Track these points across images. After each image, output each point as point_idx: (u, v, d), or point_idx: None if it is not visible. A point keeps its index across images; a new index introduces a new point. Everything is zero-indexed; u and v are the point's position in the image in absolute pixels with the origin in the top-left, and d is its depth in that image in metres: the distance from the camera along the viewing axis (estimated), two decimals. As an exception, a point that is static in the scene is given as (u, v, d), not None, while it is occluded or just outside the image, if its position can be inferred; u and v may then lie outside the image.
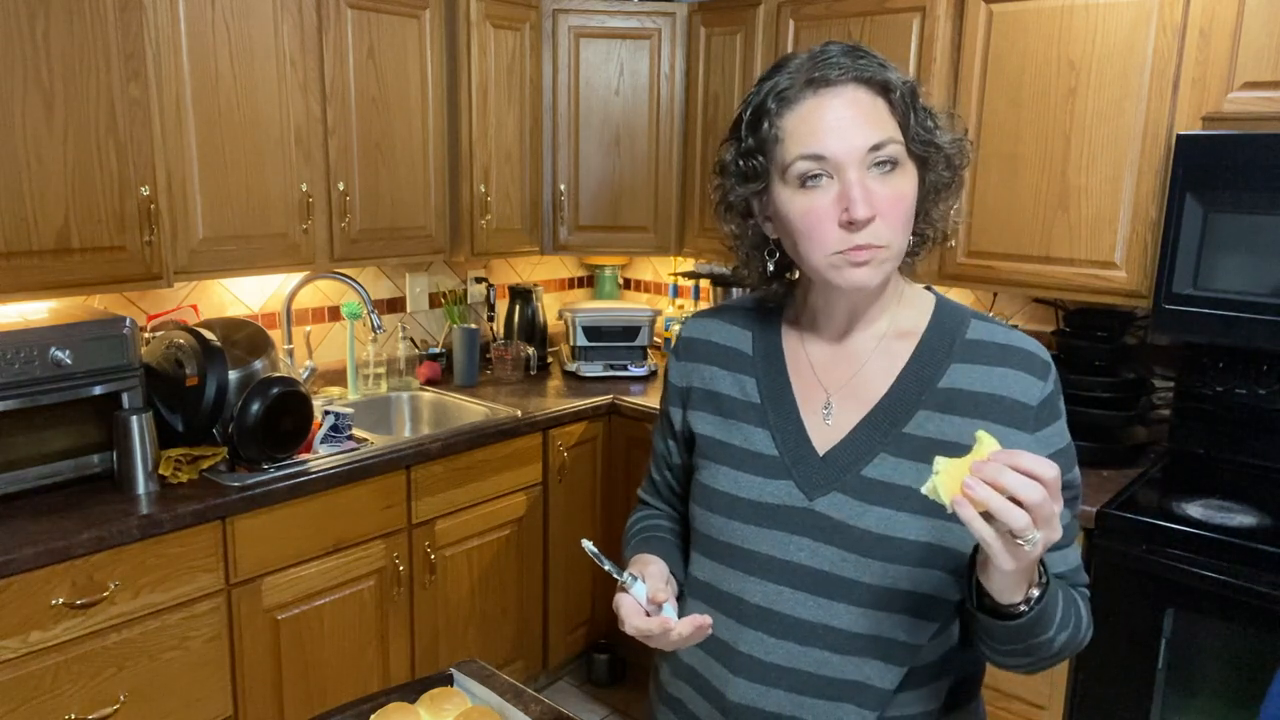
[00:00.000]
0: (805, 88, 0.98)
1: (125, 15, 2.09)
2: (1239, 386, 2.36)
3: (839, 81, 0.97)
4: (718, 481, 1.10)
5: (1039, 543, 0.79)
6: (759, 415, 1.10)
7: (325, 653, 2.37)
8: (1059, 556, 1.04)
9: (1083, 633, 1.01)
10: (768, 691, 1.04)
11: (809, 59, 0.99)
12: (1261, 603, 1.89)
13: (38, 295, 2.07)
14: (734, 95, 3.02)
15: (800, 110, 0.98)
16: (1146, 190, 2.24)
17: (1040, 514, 0.78)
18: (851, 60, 0.97)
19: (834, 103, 0.97)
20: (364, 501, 2.40)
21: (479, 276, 3.45)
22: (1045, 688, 2.20)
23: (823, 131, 0.96)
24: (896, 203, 0.97)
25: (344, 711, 1.27)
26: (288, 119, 2.45)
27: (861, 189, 0.95)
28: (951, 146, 1.03)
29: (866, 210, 0.95)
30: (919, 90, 1.01)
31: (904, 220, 0.99)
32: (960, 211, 1.10)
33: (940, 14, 2.50)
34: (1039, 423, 1.02)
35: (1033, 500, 0.77)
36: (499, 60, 2.94)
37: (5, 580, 1.79)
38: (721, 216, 1.10)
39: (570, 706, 2.96)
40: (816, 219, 0.97)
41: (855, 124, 0.96)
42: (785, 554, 1.04)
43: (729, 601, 1.08)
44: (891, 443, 1.02)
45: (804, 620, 1.03)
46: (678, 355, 1.21)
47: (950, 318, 1.08)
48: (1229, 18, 2.07)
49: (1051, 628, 0.93)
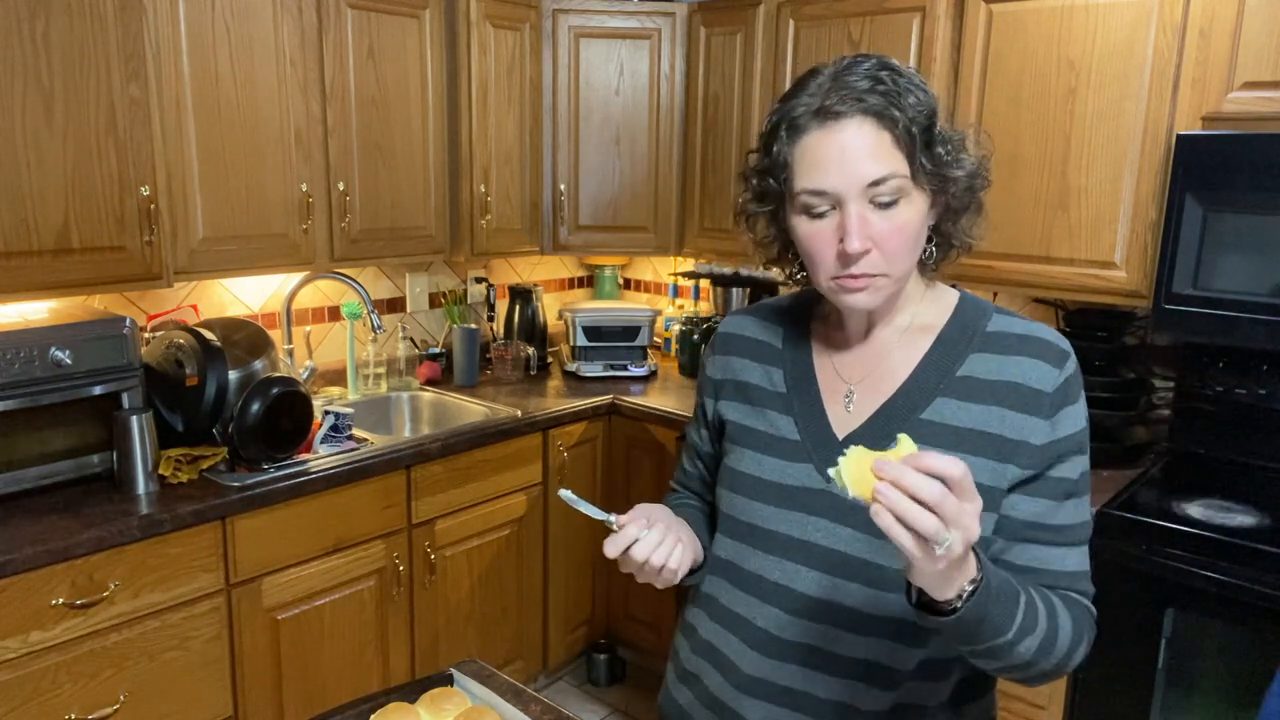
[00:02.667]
0: (813, 119, 0.99)
1: (125, 15, 2.09)
2: (1239, 386, 2.36)
3: (845, 115, 0.97)
4: (743, 464, 1.15)
5: (956, 543, 0.78)
6: (784, 403, 1.14)
7: (325, 653, 2.37)
8: (1055, 555, 1.04)
9: (1065, 641, 0.98)
10: (780, 666, 1.08)
11: (832, 79, 0.99)
12: (1261, 603, 1.89)
13: (38, 295, 2.07)
14: (734, 95, 3.02)
15: (807, 141, 1.00)
16: (1146, 190, 2.24)
17: (945, 512, 0.77)
18: (869, 86, 0.97)
19: (838, 138, 0.98)
20: (364, 501, 2.40)
21: (479, 276, 3.45)
22: (1045, 688, 2.20)
23: (825, 166, 0.98)
24: (895, 234, 0.99)
25: (344, 711, 1.27)
26: (288, 119, 2.45)
27: (858, 222, 0.98)
28: (967, 176, 1.03)
29: (860, 245, 0.98)
30: (936, 118, 1.00)
31: (904, 249, 1.01)
32: (985, 225, 1.11)
33: (940, 14, 2.50)
34: (1053, 408, 1.03)
35: (933, 498, 0.76)
36: (499, 60, 2.94)
37: (5, 580, 1.79)
38: (742, 224, 1.14)
39: (570, 706, 2.96)
40: (818, 246, 1.02)
41: (857, 159, 0.97)
42: (803, 534, 1.08)
43: (748, 579, 1.12)
44: (909, 428, 1.05)
45: (819, 598, 1.06)
46: (714, 350, 1.27)
47: (972, 312, 1.11)
48: (1229, 18, 2.07)
49: (1008, 630, 0.91)
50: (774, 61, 2.89)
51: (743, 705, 1.10)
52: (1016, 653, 0.94)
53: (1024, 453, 1.02)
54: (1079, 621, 1.01)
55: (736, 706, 1.11)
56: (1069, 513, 1.04)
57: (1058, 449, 1.03)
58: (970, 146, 1.05)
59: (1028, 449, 1.02)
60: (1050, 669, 0.99)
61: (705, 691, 1.17)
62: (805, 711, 1.07)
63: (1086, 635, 1.02)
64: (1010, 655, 0.94)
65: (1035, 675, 1.00)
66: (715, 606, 1.16)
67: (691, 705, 1.19)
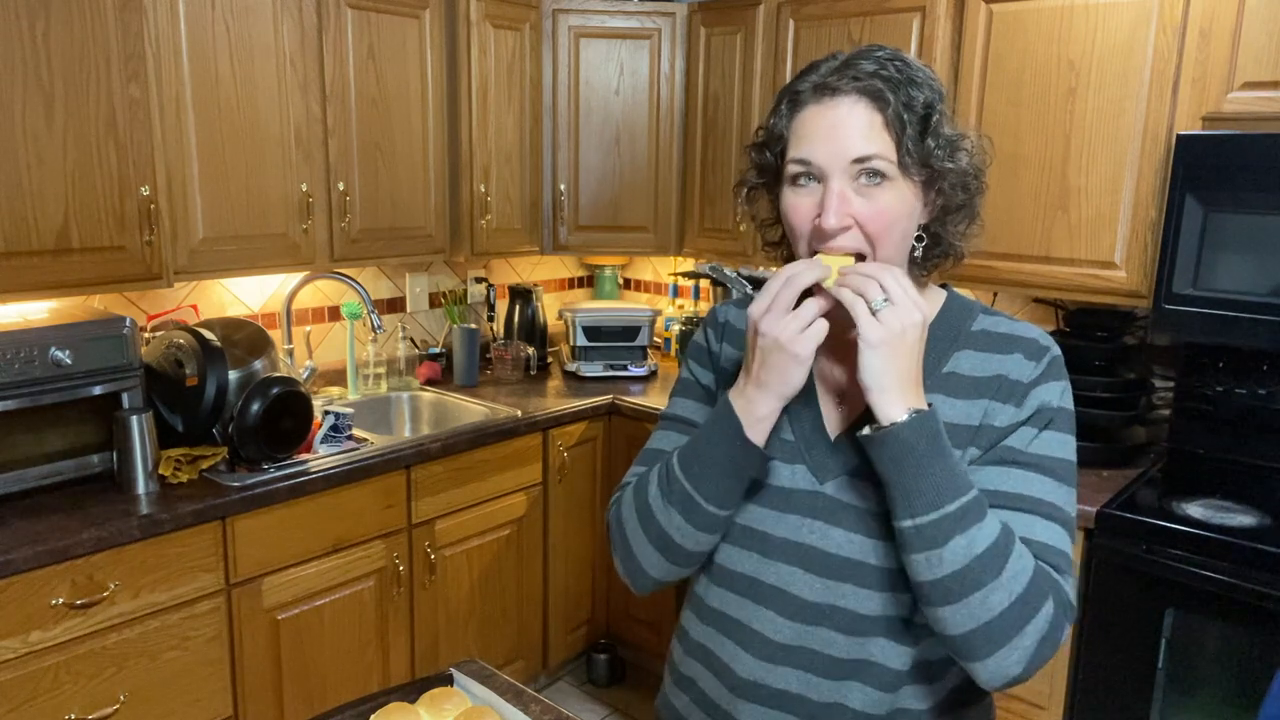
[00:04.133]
0: (813, 94, 1.02)
1: (125, 15, 2.09)
2: (1239, 386, 2.36)
3: (842, 91, 1.00)
4: None
5: (886, 309, 0.93)
6: None
7: (325, 653, 2.37)
8: (1020, 521, 0.99)
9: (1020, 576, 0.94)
10: (774, 669, 1.07)
11: (843, 61, 1.02)
12: (1261, 603, 1.89)
13: (38, 295, 2.07)
14: (734, 95, 3.02)
15: (804, 115, 1.02)
16: (1146, 190, 2.24)
17: (885, 284, 0.94)
18: (874, 69, 0.99)
19: (831, 112, 1.00)
20: (364, 501, 2.40)
21: (479, 276, 3.45)
22: (1045, 687, 2.20)
23: (814, 138, 1.00)
24: (876, 216, 0.99)
25: (344, 711, 1.27)
26: (287, 119, 2.45)
27: (837, 199, 0.99)
28: (958, 174, 1.03)
29: (836, 221, 0.99)
30: (936, 111, 1.01)
31: (885, 233, 1.00)
32: (979, 230, 1.11)
33: (940, 14, 2.50)
34: (1025, 394, 1.03)
35: (873, 272, 0.95)
36: (499, 60, 2.94)
37: (5, 580, 1.79)
38: (742, 200, 1.14)
39: (570, 706, 2.96)
40: (798, 218, 1.03)
41: (845, 135, 0.99)
42: (798, 536, 1.07)
43: (743, 582, 1.11)
44: None
45: (814, 602, 1.06)
46: (712, 326, 1.24)
47: (959, 311, 1.12)
48: (1229, 18, 2.07)
49: (950, 496, 0.93)
50: (774, 61, 2.89)
51: (738, 709, 1.10)
52: (957, 548, 0.92)
53: (985, 435, 1.03)
54: (1041, 576, 0.96)
55: (732, 710, 1.11)
56: (1033, 483, 1.01)
57: (1018, 424, 1.03)
58: (970, 150, 1.05)
59: (989, 430, 1.03)
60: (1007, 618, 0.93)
61: (701, 695, 1.16)
62: (800, 715, 1.06)
63: (1051, 601, 0.96)
64: (947, 549, 0.92)
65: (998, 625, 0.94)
66: (707, 610, 1.15)
67: (688, 709, 1.19)
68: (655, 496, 1.10)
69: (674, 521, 1.08)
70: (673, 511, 1.07)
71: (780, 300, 0.97)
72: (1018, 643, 0.95)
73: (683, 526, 1.07)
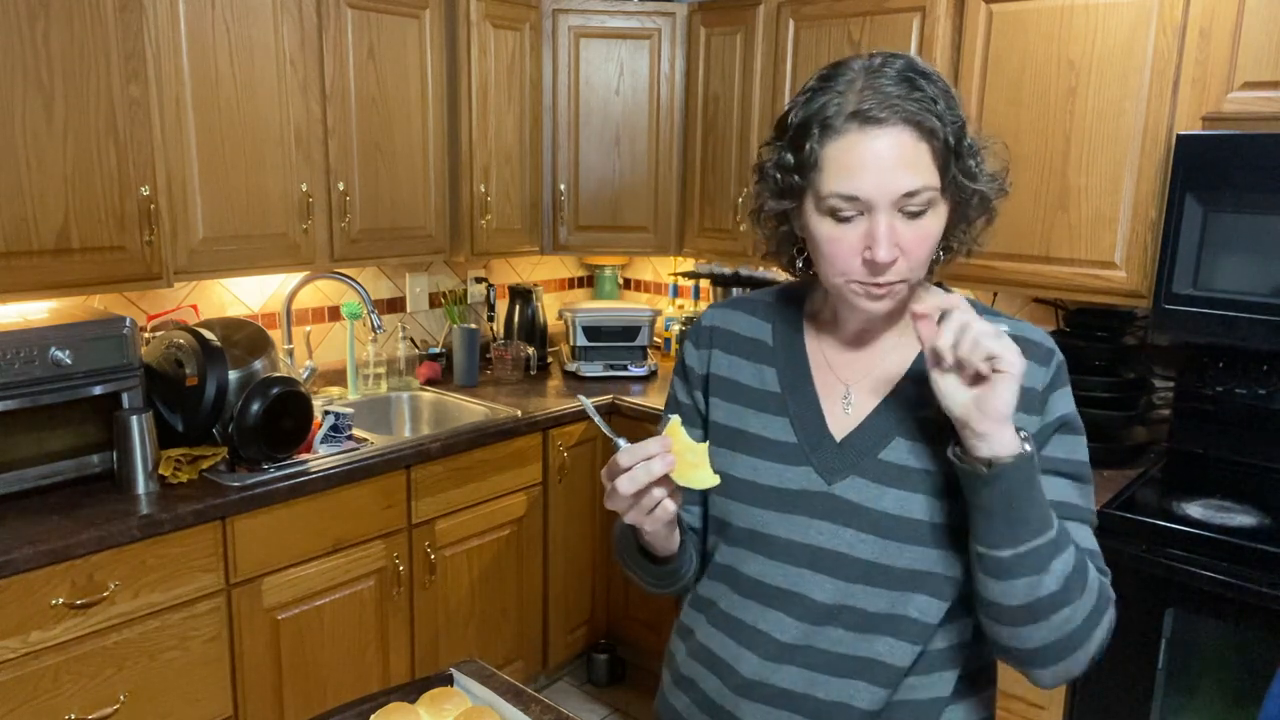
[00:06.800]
0: (851, 120, 0.96)
1: (125, 15, 2.09)
2: (1239, 386, 2.36)
3: (886, 122, 0.95)
4: (737, 469, 1.12)
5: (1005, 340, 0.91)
6: (778, 404, 1.13)
7: (325, 653, 2.37)
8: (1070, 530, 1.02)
9: (1094, 588, 0.98)
10: (779, 668, 1.07)
11: (864, 77, 0.97)
12: (1261, 603, 1.89)
13: (38, 295, 2.07)
14: (734, 95, 3.02)
15: (842, 143, 0.97)
16: (1146, 190, 2.24)
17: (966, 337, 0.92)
18: (905, 92, 0.95)
19: (876, 144, 0.96)
20: (364, 501, 2.40)
21: (479, 276, 3.45)
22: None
23: (860, 171, 0.96)
24: (921, 243, 0.99)
25: (344, 711, 1.27)
26: (287, 119, 2.45)
27: (888, 231, 0.97)
28: (990, 188, 1.04)
29: (889, 254, 0.97)
30: (966, 128, 1.00)
31: (927, 256, 1.01)
32: (991, 229, 1.12)
33: (940, 14, 2.50)
34: (1043, 402, 1.04)
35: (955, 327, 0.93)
36: (499, 60, 2.94)
37: (5, 580, 1.79)
38: (754, 220, 1.13)
39: (570, 706, 2.96)
40: (841, 249, 1.00)
41: (894, 168, 0.96)
42: (805, 538, 1.07)
43: (748, 584, 1.11)
44: (906, 428, 1.06)
45: (822, 602, 1.06)
46: (697, 343, 1.22)
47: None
48: (1229, 18, 2.07)
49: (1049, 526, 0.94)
50: (774, 61, 2.89)
51: (741, 709, 1.10)
52: (1054, 572, 0.94)
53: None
54: (1102, 585, 1.00)
55: (735, 710, 1.11)
56: (1063, 490, 1.03)
57: (1044, 433, 1.04)
58: (995, 152, 1.05)
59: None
60: (1082, 628, 0.97)
61: (703, 696, 1.16)
62: (805, 713, 1.06)
63: (1110, 609, 1.01)
64: (1048, 574, 0.94)
65: (1074, 635, 0.97)
66: (714, 612, 1.15)
67: (689, 710, 1.18)
68: (618, 551, 1.21)
69: (637, 576, 1.20)
70: (631, 571, 1.20)
71: (623, 485, 0.95)
72: (1086, 648, 0.99)
73: (645, 581, 1.19)
